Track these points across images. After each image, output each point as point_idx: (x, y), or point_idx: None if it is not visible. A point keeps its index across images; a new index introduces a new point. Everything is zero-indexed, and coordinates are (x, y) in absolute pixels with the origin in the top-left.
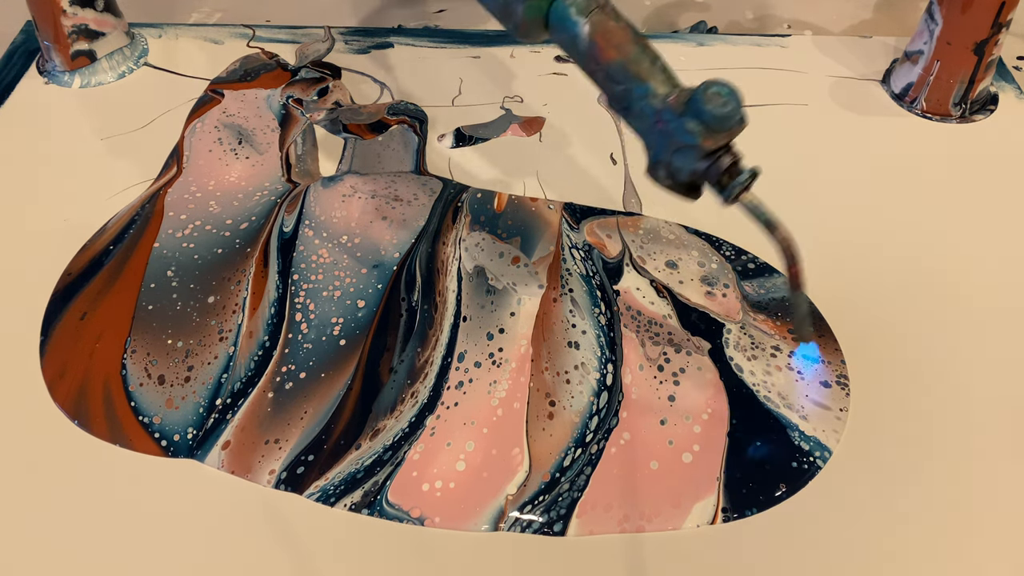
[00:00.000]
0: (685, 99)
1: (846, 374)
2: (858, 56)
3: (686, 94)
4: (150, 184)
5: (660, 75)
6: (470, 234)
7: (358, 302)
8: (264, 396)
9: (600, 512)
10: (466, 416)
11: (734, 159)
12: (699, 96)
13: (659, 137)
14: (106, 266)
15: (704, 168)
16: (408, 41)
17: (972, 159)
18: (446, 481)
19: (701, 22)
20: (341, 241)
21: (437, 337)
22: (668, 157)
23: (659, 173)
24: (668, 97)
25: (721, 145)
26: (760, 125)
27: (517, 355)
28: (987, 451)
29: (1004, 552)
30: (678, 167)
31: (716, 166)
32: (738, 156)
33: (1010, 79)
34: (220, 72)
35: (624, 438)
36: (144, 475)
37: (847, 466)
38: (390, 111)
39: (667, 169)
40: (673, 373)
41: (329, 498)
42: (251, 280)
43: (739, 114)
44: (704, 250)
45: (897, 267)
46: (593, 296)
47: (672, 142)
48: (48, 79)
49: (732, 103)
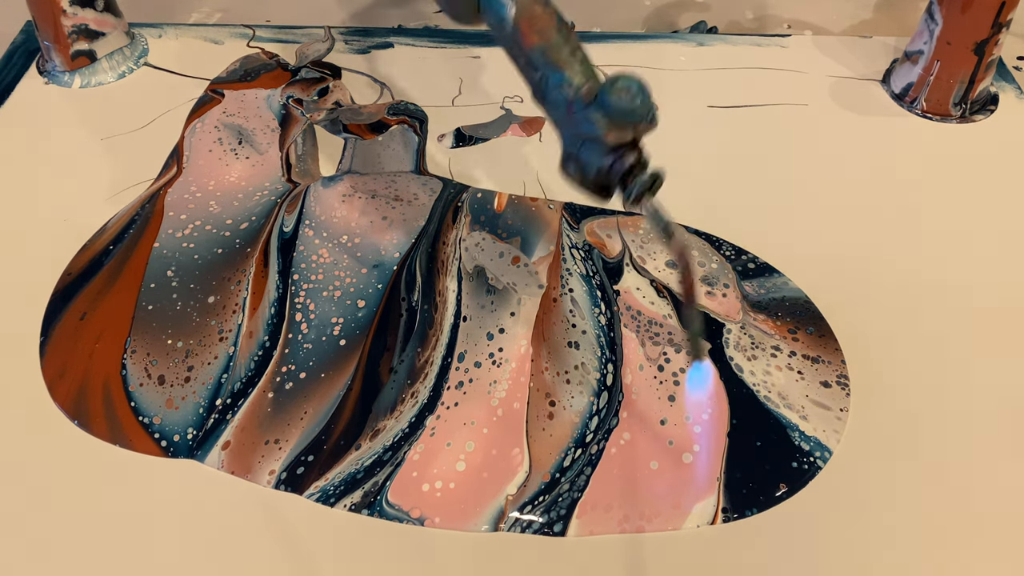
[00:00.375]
0: (596, 91)
1: (846, 374)
2: (858, 56)
3: (598, 86)
4: (150, 184)
5: (577, 65)
6: (470, 234)
7: (358, 302)
8: (264, 396)
9: (600, 512)
10: (466, 416)
11: (639, 158)
12: (606, 88)
13: (570, 128)
14: (106, 266)
15: (609, 164)
16: (408, 41)
17: (972, 159)
18: (446, 481)
19: (701, 22)
20: (341, 241)
21: (437, 337)
22: (577, 150)
23: (569, 167)
24: (581, 88)
25: (626, 142)
26: (760, 125)
27: (517, 355)
28: (987, 451)
29: (1004, 552)
30: (585, 161)
31: (620, 163)
32: (644, 157)
33: (1010, 79)
34: (220, 72)
35: (624, 438)
36: (144, 475)
37: (847, 466)
38: (390, 111)
39: (576, 163)
40: (673, 373)
41: (329, 498)
42: (251, 280)
43: (645, 110)
44: (704, 250)
45: (897, 267)
46: (593, 296)
47: (580, 134)
48: (48, 79)
49: (639, 98)
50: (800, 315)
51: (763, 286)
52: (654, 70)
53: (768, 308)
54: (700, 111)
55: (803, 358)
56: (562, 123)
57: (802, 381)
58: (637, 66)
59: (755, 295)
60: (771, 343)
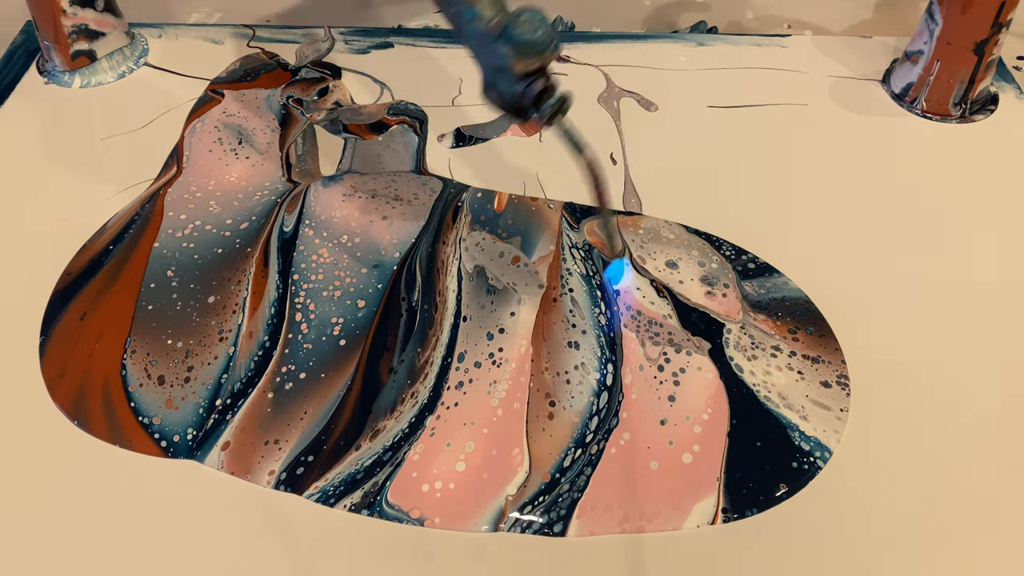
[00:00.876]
0: (504, 24)
1: (846, 374)
2: (858, 56)
3: (506, 19)
4: (150, 184)
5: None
6: (470, 234)
7: (358, 302)
8: (264, 396)
9: (600, 513)
10: (466, 416)
11: (547, 84)
12: (511, 22)
13: (485, 60)
14: (106, 266)
15: (521, 91)
16: (408, 41)
17: (972, 159)
18: (446, 482)
19: (701, 22)
20: (341, 241)
21: (437, 337)
22: (493, 79)
23: (491, 94)
24: (491, 21)
25: (533, 70)
26: (760, 125)
27: (517, 355)
28: (987, 451)
29: (1004, 551)
30: (501, 89)
31: (530, 89)
32: (552, 83)
33: (1010, 79)
34: (220, 72)
35: (624, 438)
36: (144, 476)
37: (847, 466)
38: (390, 111)
39: (494, 90)
40: (673, 373)
41: (329, 499)
42: (251, 280)
43: (548, 40)
44: (704, 250)
45: (897, 267)
46: (593, 296)
47: (493, 65)
48: (48, 79)
49: (541, 29)
50: (800, 315)
51: (763, 286)
52: (654, 70)
53: (768, 308)
54: (700, 111)
55: (803, 358)
56: (478, 55)
57: (802, 381)
58: (637, 66)
59: (755, 295)
60: (771, 343)
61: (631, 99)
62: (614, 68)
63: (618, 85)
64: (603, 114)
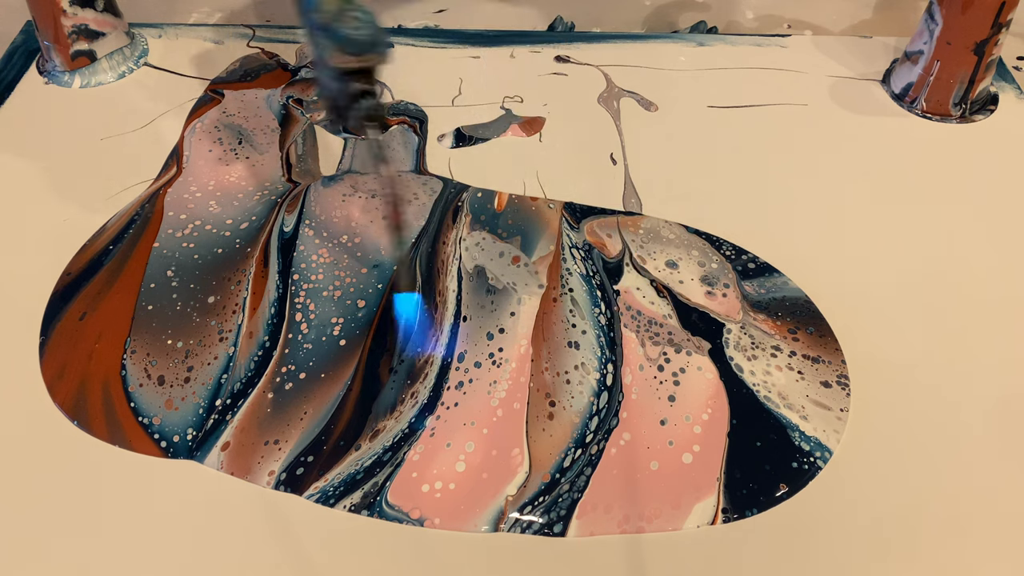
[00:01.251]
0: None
1: (846, 374)
2: (858, 56)
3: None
4: (150, 184)
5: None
6: (470, 234)
7: (358, 302)
8: (264, 397)
9: (600, 513)
10: (466, 416)
11: (368, 89)
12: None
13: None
14: (106, 266)
15: (337, 89)
16: (408, 41)
17: (972, 159)
18: (446, 482)
19: (701, 22)
20: (341, 241)
21: (437, 337)
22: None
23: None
24: (327, 14)
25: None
26: (760, 125)
27: (517, 355)
28: (986, 451)
29: (1003, 551)
30: (322, 84)
31: (346, 88)
32: (373, 88)
33: (1010, 79)
34: (220, 72)
35: (624, 439)
36: (144, 476)
37: (847, 466)
38: (390, 111)
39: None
40: (673, 373)
41: (329, 499)
42: (251, 280)
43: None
44: (704, 250)
45: (897, 267)
46: (593, 296)
47: (317, 57)
48: (48, 79)
49: (363, 28)
50: (800, 315)
51: (763, 286)
52: (654, 70)
53: (768, 308)
54: (700, 111)
55: (803, 358)
56: (312, 45)
57: (802, 381)
58: (637, 66)
59: (755, 295)
60: (771, 343)
61: (631, 99)
62: (614, 68)
63: (618, 85)
64: (603, 114)
